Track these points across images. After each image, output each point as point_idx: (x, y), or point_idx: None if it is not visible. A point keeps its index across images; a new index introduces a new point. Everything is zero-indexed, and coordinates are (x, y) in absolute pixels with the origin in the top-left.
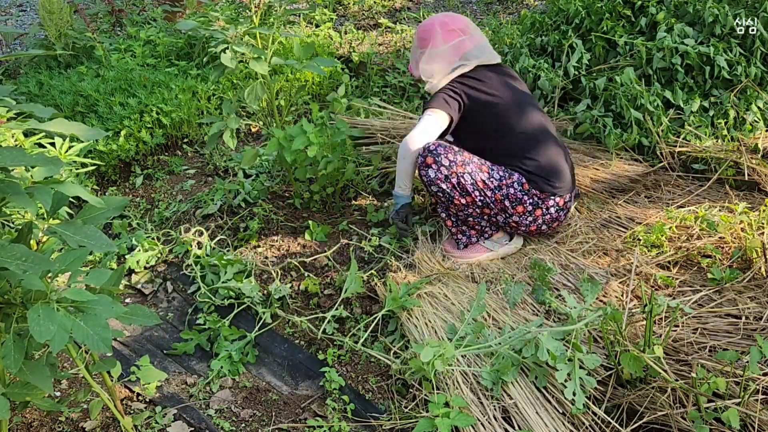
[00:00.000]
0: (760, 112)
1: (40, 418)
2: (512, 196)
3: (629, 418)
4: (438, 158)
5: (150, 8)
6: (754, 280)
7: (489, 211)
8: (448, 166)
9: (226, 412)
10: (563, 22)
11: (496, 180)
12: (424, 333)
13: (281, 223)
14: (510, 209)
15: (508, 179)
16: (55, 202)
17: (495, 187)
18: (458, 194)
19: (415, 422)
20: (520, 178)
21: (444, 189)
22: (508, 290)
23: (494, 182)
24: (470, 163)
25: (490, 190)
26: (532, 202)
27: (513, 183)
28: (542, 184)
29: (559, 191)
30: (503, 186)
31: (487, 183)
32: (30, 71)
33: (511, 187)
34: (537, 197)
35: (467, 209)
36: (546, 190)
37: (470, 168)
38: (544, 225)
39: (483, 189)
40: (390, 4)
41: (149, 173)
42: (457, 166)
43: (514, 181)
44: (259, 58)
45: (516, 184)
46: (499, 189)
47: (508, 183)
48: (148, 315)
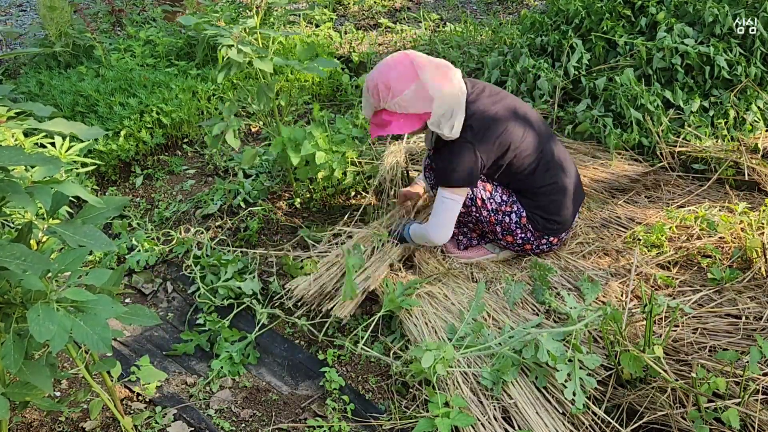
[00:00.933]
0: (760, 112)
1: (40, 418)
2: (505, 225)
3: (629, 418)
4: None
5: (150, 8)
6: (754, 280)
7: (482, 227)
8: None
9: (226, 412)
10: (563, 22)
11: (496, 203)
12: (424, 333)
13: (281, 223)
14: (499, 235)
15: (509, 206)
16: (55, 202)
17: (492, 209)
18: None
19: (415, 422)
20: (520, 210)
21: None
22: (508, 290)
23: (493, 204)
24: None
25: (486, 211)
26: (524, 237)
27: (511, 213)
28: (540, 223)
29: (554, 233)
30: (500, 212)
31: (486, 203)
32: (30, 71)
33: (508, 216)
34: (531, 234)
35: (466, 217)
36: (541, 230)
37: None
38: (532, 252)
39: (480, 207)
40: (390, 4)
41: (149, 173)
42: None
43: (512, 211)
44: (264, 56)
45: (514, 215)
46: (496, 213)
47: (506, 210)
48: (148, 315)
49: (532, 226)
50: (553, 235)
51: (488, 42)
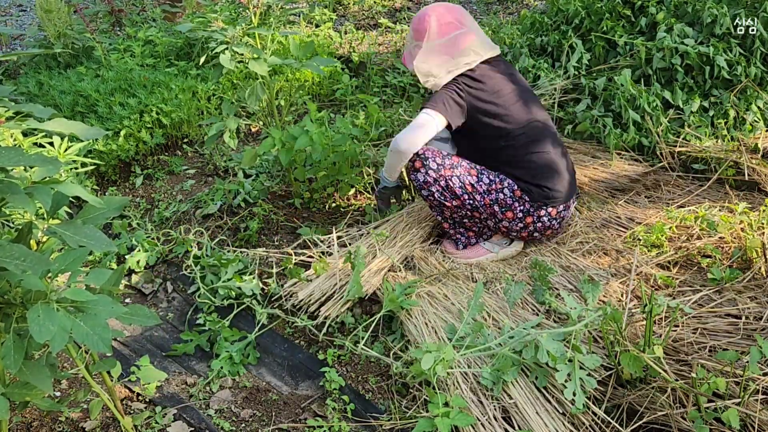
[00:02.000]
0: (760, 112)
1: (39, 418)
2: (502, 202)
3: (629, 418)
4: (426, 162)
5: (149, 8)
6: (754, 280)
7: (479, 215)
8: (436, 169)
9: (226, 412)
10: (563, 22)
11: (485, 184)
12: (423, 333)
13: (281, 223)
14: (499, 214)
15: (498, 184)
16: (55, 203)
17: (484, 191)
18: (448, 197)
19: (415, 422)
20: (511, 185)
21: (433, 192)
22: (508, 290)
23: (483, 186)
24: (458, 166)
25: (479, 194)
26: (523, 210)
27: (503, 189)
28: (535, 194)
29: (552, 202)
30: (492, 191)
31: (476, 187)
32: (30, 71)
33: (501, 192)
34: (528, 204)
35: (459, 211)
36: (538, 200)
37: (458, 171)
38: (536, 232)
39: (471, 192)
40: (390, 4)
41: (149, 173)
42: (445, 170)
43: (504, 187)
44: (258, 58)
45: (507, 190)
46: (488, 194)
47: (497, 188)
48: (148, 315)
49: (528, 197)
50: (550, 204)
51: None
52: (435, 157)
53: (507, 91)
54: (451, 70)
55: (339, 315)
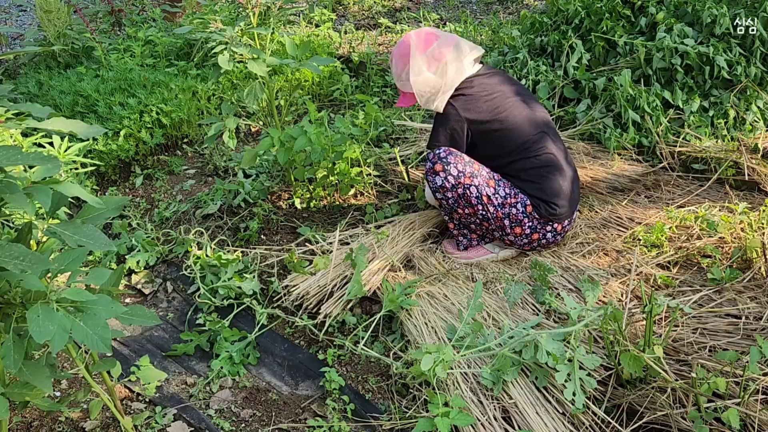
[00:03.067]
0: (760, 112)
1: (39, 417)
2: (513, 217)
3: (629, 418)
4: (447, 167)
5: (149, 8)
6: (754, 280)
7: (488, 225)
8: (456, 176)
9: (226, 412)
10: (563, 23)
11: (501, 197)
12: (423, 333)
13: (281, 223)
14: (508, 228)
15: (513, 198)
16: (55, 203)
17: (498, 204)
18: (462, 204)
19: (415, 422)
20: (524, 200)
21: (448, 197)
22: (508, 290)
23: (498, 199)
24: (478, 176)
25: (492, 206)
26: (531, 226)
27: (517, 203)
28: (544, 210)
29: (558, 218)
30: (506, 204)
31: (492, 199)
32: (29, 71)
33: (514, 207)
34: (537, 221)
35: (469, 218)
36: (546, 216)
37: (477, 181)
38: (538, 246)
39: (486, 204)
40: (390, 4)
41: (149, 173)
42: (465, 178)
43: (518, 201)
44: (257, 58)
45: (519, 205)
46: (502, 207)
47: (511, 202)
48: (148, 315)
49: (537, 213)
50: (556, 221)
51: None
52: (457, 163)
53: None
54: (446, 89)
55: (339, 314)
